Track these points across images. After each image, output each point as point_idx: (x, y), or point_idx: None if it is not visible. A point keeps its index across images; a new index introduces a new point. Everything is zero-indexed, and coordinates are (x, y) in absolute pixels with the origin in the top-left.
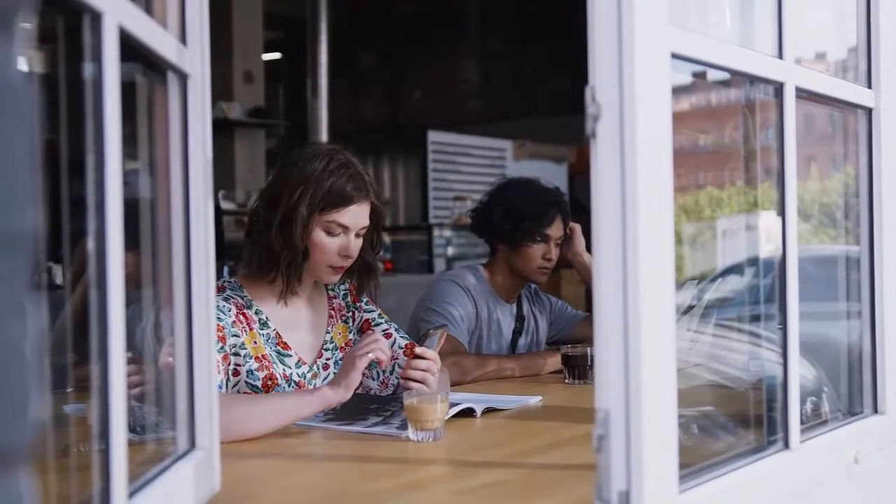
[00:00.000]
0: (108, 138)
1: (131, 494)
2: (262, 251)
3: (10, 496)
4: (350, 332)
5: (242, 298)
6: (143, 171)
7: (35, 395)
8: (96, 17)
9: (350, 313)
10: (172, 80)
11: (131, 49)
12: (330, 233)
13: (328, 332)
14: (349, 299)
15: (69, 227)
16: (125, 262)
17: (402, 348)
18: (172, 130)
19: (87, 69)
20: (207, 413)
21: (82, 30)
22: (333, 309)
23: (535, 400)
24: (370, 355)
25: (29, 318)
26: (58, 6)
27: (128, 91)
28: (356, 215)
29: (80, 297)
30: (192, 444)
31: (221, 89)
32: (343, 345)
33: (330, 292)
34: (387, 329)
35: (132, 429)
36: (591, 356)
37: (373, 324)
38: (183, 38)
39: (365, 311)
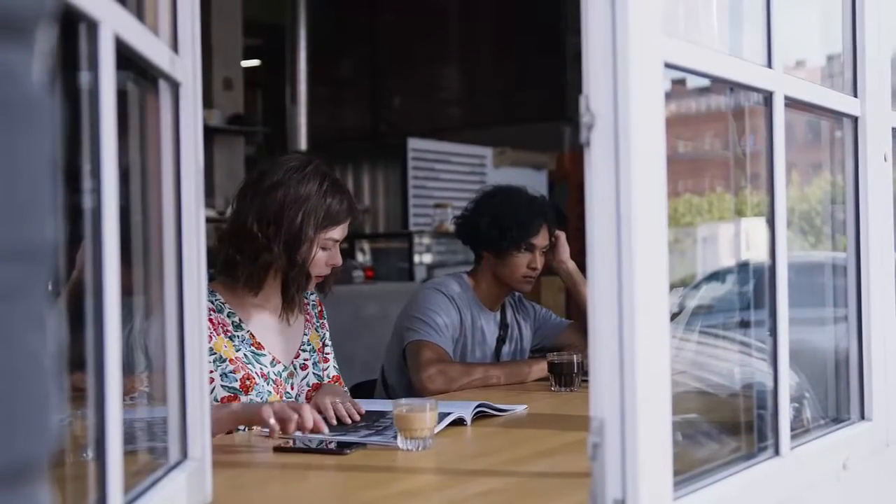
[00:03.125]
0: (104, 146)
1: None
2: (259, 269)
3: None
4: (320, 340)
5: (213, 302)
6: (135, 180)
7: (54, 407)
8: (92, 26)
9: (319, 323)
10: (164, 88)
11: (124, 57)
12: (324, 248)
13: (305, 335)
14: (316, 311)
15: (59, 235)
16: None
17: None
18: (164, 138)
19: (83, 77)
20: (199, 423)
21: (77, 37)
22: (308, 314)
23: (521, 408)
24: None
25: (47, 329)
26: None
27: (118, 99)
28: (345, 229)
29: (66, 303)
30: (185, 454)
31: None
32: (317, 349)
33: (303, 298)
34: (328, 354)
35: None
36: (577, 364)
37: (325, 342)
38: (175, 47)
39: (326, 330)
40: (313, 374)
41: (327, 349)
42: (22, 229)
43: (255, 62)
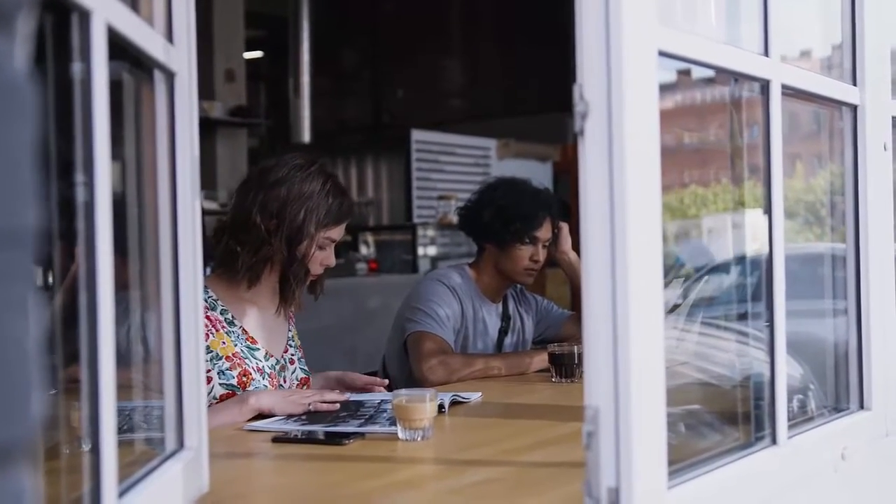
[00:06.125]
0: (96, 137)
1: (121, 494)
2: (259, 262)
3: (12, 491)
4: (298, 338)
5: (206, 300)
6: (130, 171)
7: (37, 391)
8: (84, 16)
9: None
10: (159, 78)
11: (118, 47)
12: (321, 247)
13: (290, 331)
14: (293, 310)
15: (54, 227)
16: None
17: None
18: (159, 129)
19: (75, 68)
20: (196, 413)
21: (69, 27)
22: (291, 312)
23: (476, 396)
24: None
25: (31, 314)
26: (45, 4)
27: (113, 90)
28: (343, 230)
29: (65, 296)
30: (181, 443)
31: (203, 88)
32: (298, 345)
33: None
34: (300, 355)
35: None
36: (578, 354)
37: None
38: (170, 37)
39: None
40: (300, 368)
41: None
42: (2, 215)
43: (257, 54)
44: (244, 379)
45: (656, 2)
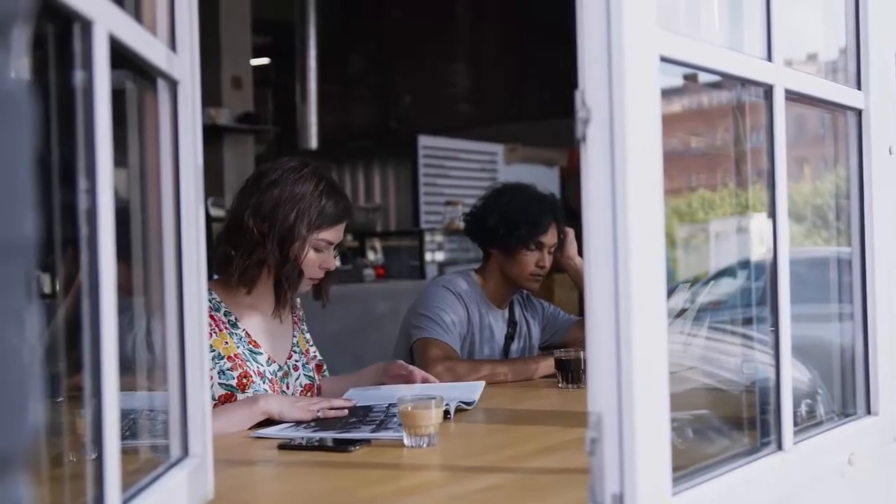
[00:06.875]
0: (98, 146)
1: (125, 502)
2: (253, 265)
3: (10, 500)
4: (307, 343)
5: (210, 302)
6: (133, 179)
7: (34, 400)
8: (87, 25)
9: (304, 326)
10: (162, 86)
11: (120, 56)
12: (317, 249)
13: (294, 336)
14: (301, 314)
15: (59, 235)
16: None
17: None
18: (163, 137)
19: (77, 77)
20: (200, 420)
21: (71, 37)
22: (296, 317)
23: (479, 385)
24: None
25: (27, 324)
26: (47, 13)
27: (117, 98)
28: (341, 232)
29: (71, 304)
30: (185, 451)
31: (210, 95)
32: (304, 351)
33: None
34: (304, 361)
35: (123, 435)
36: (584, 360)
37: (309, 344)
38: (173, 45)
39: (306, 332)
40: (304, 375)
41: (312, 349)
42: (0, 225)
43: (264, 60)
44: (244, 381)
45: (658, 7)
